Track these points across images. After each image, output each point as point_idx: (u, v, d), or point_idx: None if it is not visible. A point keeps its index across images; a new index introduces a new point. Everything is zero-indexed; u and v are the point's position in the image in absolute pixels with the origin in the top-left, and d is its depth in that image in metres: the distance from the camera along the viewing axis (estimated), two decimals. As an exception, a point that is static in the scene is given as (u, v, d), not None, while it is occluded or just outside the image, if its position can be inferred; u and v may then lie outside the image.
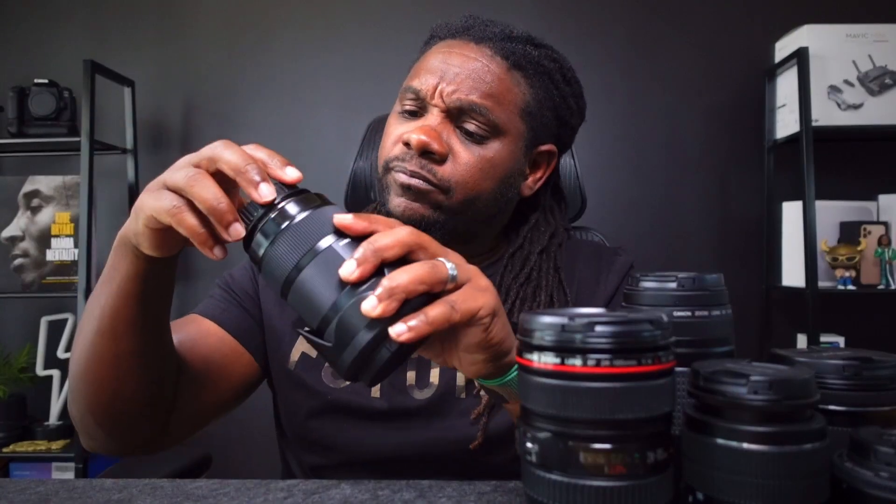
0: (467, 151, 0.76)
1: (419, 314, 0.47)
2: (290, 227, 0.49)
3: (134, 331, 0.60)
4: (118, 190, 2.04)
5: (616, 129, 2.00)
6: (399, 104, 0.80)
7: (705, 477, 0.36)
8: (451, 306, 0.48)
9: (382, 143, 0.80)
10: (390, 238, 0.48)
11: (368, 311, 0.46)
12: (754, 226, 1.99)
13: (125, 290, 0.58)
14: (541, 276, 0.82)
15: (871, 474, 0.34)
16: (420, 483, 0.52)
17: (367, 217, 0.50)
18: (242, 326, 0.79)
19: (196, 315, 0.78)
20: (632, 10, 2.02)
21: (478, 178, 0.76)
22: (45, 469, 1.88)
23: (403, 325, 0.46)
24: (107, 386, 0.62)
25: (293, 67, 2.07)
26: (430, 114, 0.77)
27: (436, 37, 0.83)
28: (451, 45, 0.79)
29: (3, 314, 2.10)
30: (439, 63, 0.77)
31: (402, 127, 0.78)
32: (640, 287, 0.46)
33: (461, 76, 0.76)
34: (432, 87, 0.76)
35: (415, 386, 0.77)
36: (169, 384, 0.67)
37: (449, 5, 1.99)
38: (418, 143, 0.73)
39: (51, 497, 0.50)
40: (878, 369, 0.41)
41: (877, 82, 1.76)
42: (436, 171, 0.74)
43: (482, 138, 0.76)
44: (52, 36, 2.11)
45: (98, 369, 0.61)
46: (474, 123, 0.76)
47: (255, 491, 0.51)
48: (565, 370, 0.36)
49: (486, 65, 0.77)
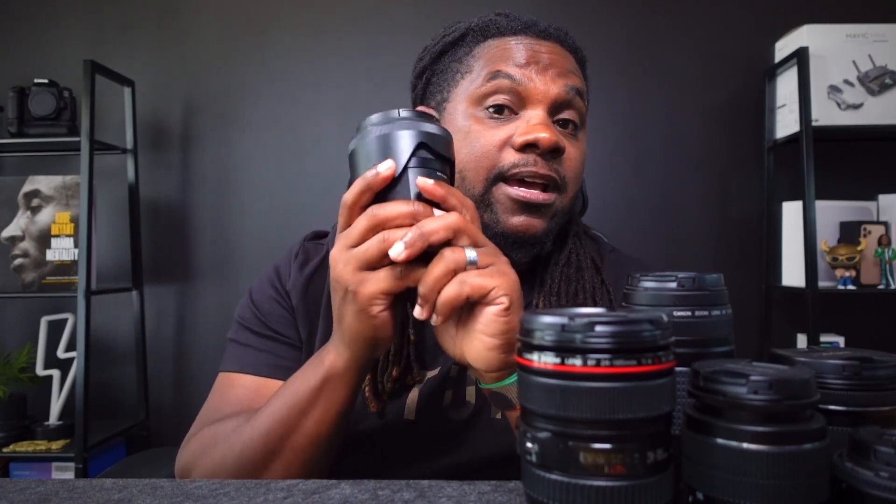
0: (570, 146, 0.73)
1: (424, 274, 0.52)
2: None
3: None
4: (118, 190, 2.04)
5: (616, 129, 2.00)
6: (475, 104, 0.74)
7: (705, 477, 0.36)
8: (463, 280, 0.52)
9: (475, 155, 0.72)
10: (437, 223, 0.52)
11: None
12: (754, 226, 1.99)
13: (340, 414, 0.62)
14: (580, 259, 0.79)
15: (871, 474, 0.34)
16: (420, 483, 0.52)
17: (444, 187, 0.55)
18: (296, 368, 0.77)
19: (261, 380, 0.74)
20: (632, 10, 2.02)
21: (580, 172, 0.75)
22: (45, 469, 1.87)
23: (401, 245, 0.51)
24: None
25: (293, 68, 2.07)
26: (531, 108, 0.72)
27: (478, 35, 0.77)
28: (522, 40, 0.74)
29: (3, 314, 2.10)
30: (529, 52, 0.73)
31: (501, 129, 0.72)
32: (640, 287, 0.46)
33: (558, 65, 0.72)
34: (535, 77, 0.71)
35: (451, 405, 0.74)
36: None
37: (449, 5, 1.99)
38: (550, 141, 0.69)
39: (51, 497, 0.50)
40: (878, 369, 0.41)
41: (877, 82, 1.76)
42: (559, 170, 0.71)
43: (576, 129, 0.74)
44: (52, 36, 2.11)
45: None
46: (572, 112, 0.73)
47: (255, 491, 0.51)
48: (565, 370, 0.36)
49: (566, 55, 0.75)
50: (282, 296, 0.79)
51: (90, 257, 1.79)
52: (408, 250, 0.51)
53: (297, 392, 0.61)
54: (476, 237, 0.54)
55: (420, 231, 0.51)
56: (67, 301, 1.97)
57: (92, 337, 1.80)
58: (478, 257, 0.53)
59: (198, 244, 2.09)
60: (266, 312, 0.78)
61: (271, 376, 0.74)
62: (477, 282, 0.52)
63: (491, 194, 0.72)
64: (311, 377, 0.61)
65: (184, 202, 2.09)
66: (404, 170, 0.55)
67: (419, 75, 0.83)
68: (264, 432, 0.62)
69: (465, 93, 0.75)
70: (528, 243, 0.73)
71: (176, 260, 2.09)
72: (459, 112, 0.75)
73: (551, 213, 0.73)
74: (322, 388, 0.60)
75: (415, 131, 0.56)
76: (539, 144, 0.69)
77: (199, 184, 2.09)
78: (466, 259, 0.52)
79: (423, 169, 0.55)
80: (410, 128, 0.56)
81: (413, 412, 0.73)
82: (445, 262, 0.52)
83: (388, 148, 0.55)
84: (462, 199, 0.56)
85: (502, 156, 0.71)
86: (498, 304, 0.53)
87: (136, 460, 1.31)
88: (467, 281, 0.52)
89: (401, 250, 0.51)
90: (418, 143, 0.55)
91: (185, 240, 2.09)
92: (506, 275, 0.54)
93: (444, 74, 0.79)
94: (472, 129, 0.73)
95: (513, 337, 0.54)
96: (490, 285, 0.52)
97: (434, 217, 0.53)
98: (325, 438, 0.62)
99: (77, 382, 1.76)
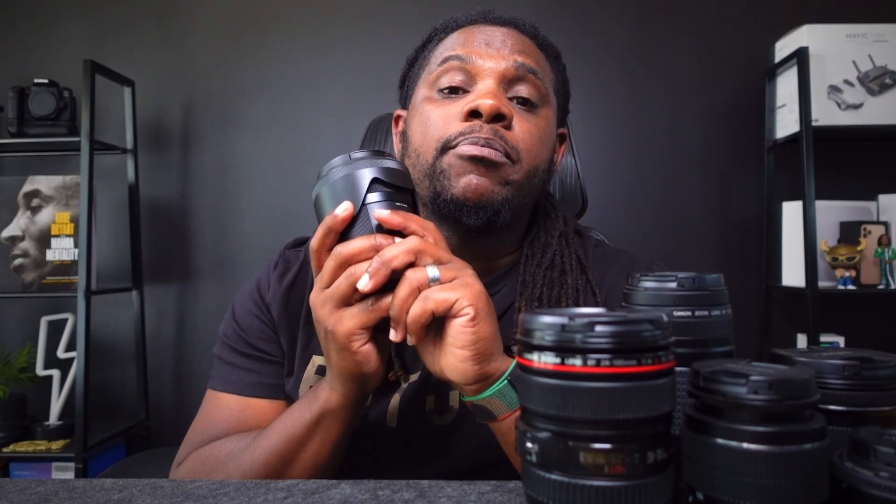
0: (524, 120, 0.73)
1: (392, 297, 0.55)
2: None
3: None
4: (118, 190, 2.04)
5: (616, 129, 1.99)
6: (429, 87, 0.75)
7: (705, 477, 0.36)
8: (426, 296, 0.54)
9: (426, 131, 0.73)
10: (397, 249, 0.55)
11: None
12: (754, 226, 1.99)
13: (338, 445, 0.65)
14: (564, 262, 0.78)
15: (871, 474, 0.34)
16: (420, 483, 0.52)
17: (402, 214, 0.58)
18: (280, 384, 0.77)
19: (245, 399, 0.76)
20: (632, 10, 2.02)
21: (538, 146, 0.74)
22: (45, 469, 1.87)
23: (366, 276, 0.55)
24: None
25: (293, 67, 2.07)
26: (481, 82, 0.72)
27: (440, 32, 0.80)
28: (476, 27, 0.76)
29: (3, 314, 2.10)
30: (480, 35, 0.74)
31: (451, 106, 0.72)
32: (640, 287, 0.46)
33: (508, 44, 0.73)
34: (483, 54, 0.72)
35: (434, 411, 0.74)
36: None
37: (449, 5, 1.99)
38: (491, 107, 0.69)
39: (51, 497, 0.50)
40: (878, 369, 0.41)
41: (877, 82, 1.76)
42: (506, 137, 0.70)
43: (535, 106, 0.74)
44: (52, 36, 2.11)
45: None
46: (528, 88, 0.73)
47: (255, 491, 0.51)
48: (565, 370, 0.36)
49: (523, 39, 0.76)
50: (262, 310, 0.79)
51: (90, 257, 1.79)
52: (373, 280, 0.54)
53: (295, 426, 0.64)
54: (438, 255, 0.57)
55: (381, 260, 0.54)
56: (67, 301, 1.97)
57: (92, 337, 1.80)
58: (440, 273, 0.55)
59: (198, 244, 2.08)
60: (246, 328, 0.79)
61: (255, 395, 0.76)
62: (440, 296, 0.54)
63: (440, 162, 0.71)
64: (307, 412, 0.63)
65: (184, 202, 2.09)
66: (363, 206, 0.58)
67: (401, 84, 0.86)
68: (262, 464, 0.64)
69: (424, 80, 0.77)
70: (479, 206, 0.70)
71: (176, 260, 2.09)
72: (418, 100, 0.76)
73: (501, 178, 0.70)
74: (318, 423, 0.63)
75: (368, 169, 0.59)
76: (480, 109, 0.69)
77: (199, 184, 2.09)
78: (429, 277, 0.55)
79: (380, 203, 0.59)
80: (365, 166, 0.60)
81: (395, 418, 0.73)
82: (409, 283, 0.55)
83: (346, 189, 0.59)
84: (422, 223, 0.58)
85: (449, 127, 0.71)
86: (463, 315, 0.55)
87: (136, 460, 1.31)
88: (430, 297, 0.54)
89: (367, 281, 0.54)
90: (373, 179, 0.59)
91: (185, 240, 2.09)
92: (469, 286, 0.55)
93: (415, 78, 0.81)
94: (425, 110, 0.74)
95: (483, 346, 0.55)
96: (453, 298, 0.54)
97: (394, 244, 0.55)
98: (322, 468, 0.65)
99: (77, 382, 1.76)
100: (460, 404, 0.73)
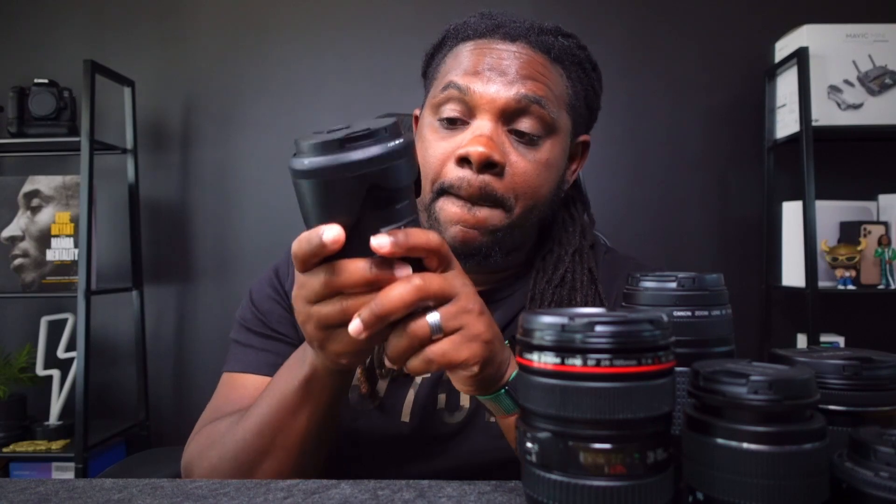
0: (523, 158, 0.71)
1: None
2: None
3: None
4: (118, 190, 2.04)
5: (616, 129, 1.99)
6: (433, 113, 0.74)
7: (705, 477, 0.36)
8: (429, 357, 0.50)
9: (425, 163, 0.72)
10: (393, 301, 0.48)
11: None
12: (754, 226, 1.99)
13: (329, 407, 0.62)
14: (575, 279, 0.78)
15: (871, 474, 0.34)
16: (420, 483, 0.52)
17: (403, 236, 0.48)
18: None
19: (262, 378, 0.75)
20: (632, 9, 2.02)
21: (536, 185, 0.72)
22: (45, 469, 1.87)
23: (359, 323, 0.48)
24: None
25: (293, 67, 2.07)
26: (479, 118, 0.71)
27: (453, 38, 0.77)
28: (485, 44, 0.73)
29: (3, 314, 2.10)
30: (484, 60, 0.72)
31: (449, 141, 0.72)
32: (640, 287, 0.46)
33: (512, 70, 0.70)
34: (482, 86, 0.70)
35: (445, 409, 0.74)
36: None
37: (449, 5, 1.99)
38: (481, 155, 0.67)
39: (51, 497, 0.50)
40: (878, 369, 0.41)
41: (877, 82, 1.76)
42: (495, 188, 0.69)
43: (537, 139, 0.72)
44: (52, 36, 2.11)
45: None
46: (530, 122, 0.71)
47: (255, 491, 0.51)
48: (565, 370, 0.36)
49: (533, 58, 0.72)
50: (280, 295, 0.80)
51: (90, 257, 1.79)
52: (367, 331, 0.48)
53: (284, 392, 0.61)
54: (442, 292, 0.50)
55: (375, 314, 0.47)
56: (67, 301, 1.97)
57: (92, 337, 1.80)
58: (443, 322, 0.50)
59: (198, 244, 2.08)
60: (266, 312, 0.79)
61: (272, 375, 0.74)
62: (444, 360, 0.50)
63: (435, 206, 0.72)
64: (296, 376, 0.61)
65: (184, 202, 2.09)
66: (358, 219, 0.47)
67: (423, 76, 0.85)
68: (255, 433, 0.63)
69: (429, 102, 0.76)
70: (467, 255, 0.72)
71: (176, 260, 2.09)
72: (425, 121, 0.76)
73: (490, 228, 0.71)
74: (307, 387, 0.60)
75: (361, 173, 0.44)
76: (470, 158, 0.68)
77: (199, 184, 2.09)
78: (429, 327, 0.49)
79: (378, 214, 0.47)
80: (359, 169, 0.44)
81: (409, 415, 0.73)
82: (408, 336, 0.49)
83: (334, 197, 0.45)
84: (426, 241, 0.49)
85: (445, 170, 0.71)
86: (468, 372, 0.51)
87: (136, 460, 1.31)
88: (433, 358, 0.50)
89: (360, 330, 0.48)
90: (368, 188, 0.45)
91: (185, 240, 2.09)
92: (476, 338, 0.51)
93: (430, 80, 0.81)
94: (427, 139, 0.74)
95: (486, 376, 0.53)
96: (457, 360, 0.50)
97: (390, 289, 0.48)
98: (315, 435, 0.63)
99: (77, 382, 1.76)
100: (471, 403, 0.74)
